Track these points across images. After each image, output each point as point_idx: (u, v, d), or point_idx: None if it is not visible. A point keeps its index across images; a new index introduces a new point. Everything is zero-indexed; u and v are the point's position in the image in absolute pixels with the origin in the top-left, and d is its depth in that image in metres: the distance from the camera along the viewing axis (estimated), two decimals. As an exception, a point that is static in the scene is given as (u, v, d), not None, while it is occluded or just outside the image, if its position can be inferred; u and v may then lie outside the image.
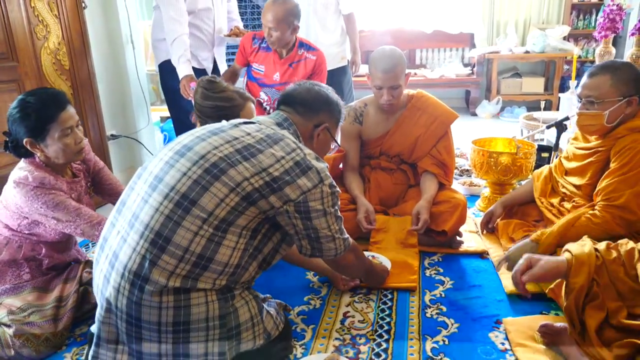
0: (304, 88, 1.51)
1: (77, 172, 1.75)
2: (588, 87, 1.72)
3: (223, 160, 1.20)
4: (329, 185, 1.29)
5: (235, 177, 1.18)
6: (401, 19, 5.32)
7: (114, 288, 1.17)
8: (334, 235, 1.35)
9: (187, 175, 1.18)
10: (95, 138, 2.70)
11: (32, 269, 1.63)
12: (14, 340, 1.47)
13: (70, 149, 1.58)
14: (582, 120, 1.75)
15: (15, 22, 2.22)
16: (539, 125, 3.28)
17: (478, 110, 5.01)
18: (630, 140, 1.66)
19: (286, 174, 1.23)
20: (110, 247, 1.23)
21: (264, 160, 1.22)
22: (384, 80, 2.10)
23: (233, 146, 1.23)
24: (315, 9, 3.34)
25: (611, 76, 1.67)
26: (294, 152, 1.27)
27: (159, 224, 1.15)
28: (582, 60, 5.12)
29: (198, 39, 2.93)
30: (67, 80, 2.52)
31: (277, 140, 1.28)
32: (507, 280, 1.82)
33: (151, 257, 1.14)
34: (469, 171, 3.07)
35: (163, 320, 1.15)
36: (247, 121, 1.38)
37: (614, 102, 1.67)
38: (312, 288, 1.86)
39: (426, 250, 2.11)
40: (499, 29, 5.22)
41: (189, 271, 1.16)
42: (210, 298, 1.19)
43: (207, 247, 1.16)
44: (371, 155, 2.38)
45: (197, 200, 1.16)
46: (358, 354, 1.49)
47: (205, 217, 1.15)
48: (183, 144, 1.27)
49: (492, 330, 1.58)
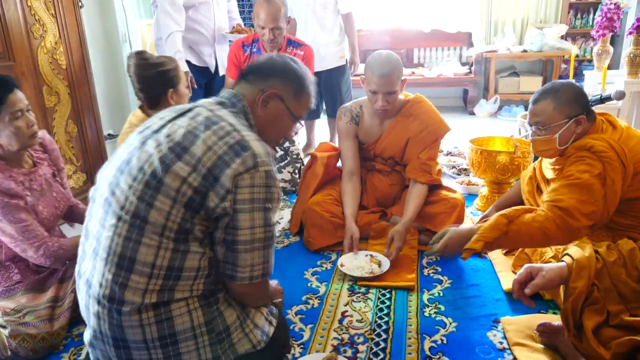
0: (265, 57, 1.37)
1: (39, 161, 1.70)
2: (534, 114, 1.71)
3: (158, 167, 1.11)
4: (264, 172, 1.13)
5: (173, 183, 1.10)
6: (399, 18, 5.31)
7: (94, 315, 1.15)
8: (255, 244, 1.14)
9: (131, 194, 1.12)
10: (92, 137, 2.69)
11: (21, 270, 1.61)
12: (10, 341, 1.46)
13: (23, 132, 1.53)
14: (537, 146, 1.73)
15: (11, 21, 2.21)
16: (537, 124, 3.28)
17: (476, 109, 5.02)
18: (575, 156, 1.61)
19: (220, 159, 1.11)
20: (84, 274, 1.20)
21: (197, 152, 1.12)
22: (380, 86, 2.04)
23: (165, 146, 1.14)
24: (313, 8, 3.34)
25: (552, 99, 1.65)
26: (228, 135, 1.15)
27: (120, 246, 1.11)
28: (579, 59, 5.13)
29: (199, 34, 2.94)
30: (64, 79, 2.51)
31: (210, 125, 1.16)
32: (505, 279, 1.83)
33: (121, 280, 1.10)
34: (467, 170, 3.07)
35: (148, 337, 1.13)
36: (188, 108, 1.25)
37: (561, 125, 1.64)
38: (310, 287, 1.86)
39: (424, 249, 2.11)
40: (497, 28, 5.22)
41: (162, 285, 1.12)
42: (192, 306, 1.16)
43: (174, 259, 1.12)
44: (366, 157, 2.37)
45: (147, 217, 1.10)
46: (356, 353, 1.48)
47: (160, 232, 1.10)
48: (122, 159, 1.19)
49: (490, 330, 1.58)
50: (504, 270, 1.89)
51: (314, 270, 1.99)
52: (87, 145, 2.66)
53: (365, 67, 2.11)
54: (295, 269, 2.00)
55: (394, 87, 2.06)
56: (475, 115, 5.02)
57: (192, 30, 2.90)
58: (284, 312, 1.66)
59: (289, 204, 2.74)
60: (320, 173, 2.34)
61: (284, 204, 2.75)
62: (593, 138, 1.60)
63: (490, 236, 1.56)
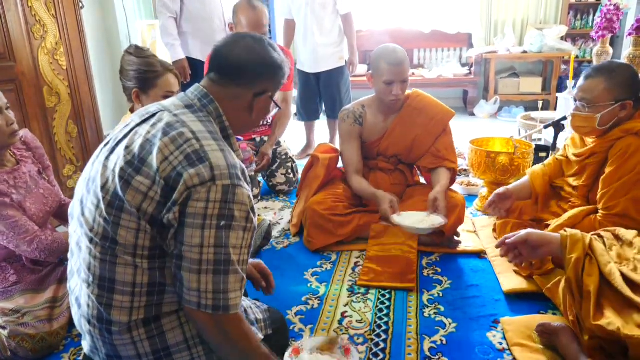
0: (243, 48, 1.18)
1: (22, 159, 1.68)
2: (582, 89, 1.72)
3: (118, 184, 1.03)
4: (222, 186, 1.00)
5: (134, 201, 1.02)
6: (399, 19, 5.32)
7: (88, 334, 1.14)
8: (203, 265, 1.00)
9: (98, 214, 1.06)
10: (92, 138, 2.69)
11: (17, 270, 1.61)
12: (9, 342, 1.46)
13: (2, 130, 1.51)
14: (575, 121, 1.75)
15: (12, 21, 2.21)
16: (537, 125, 3.28)
17: (476, 110, 5.02)
18: (625, 144, 1.64)
19: (174, 170, 1.00)
20: (73, 292, 1.19)
21: (153, 163, 1.02)
22: (396, 74, 2.08)
23: (124, 160, 1.05)
24: (313, 8, 3.34)
25: (605, 79, 1.66)
26: (187, 143, 1.03)
27: (97, 268, 1.06)
28: (579, 60, 5.13)
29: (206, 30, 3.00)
30: (64, 80, 2.52)
31: (168, 132, 1.05)
32: (505, 280, 1.83)
33: (105, 300, 1.07)
34: (467, 171, 3.07)
35: (142, 352, 1.11)
36: (152, 112, 1.15)
37: (606, 106, 1.66)
38: (310, 288, 1.86)
39: (424, 250, 2.11)
40: (497, 29, 5.23)
41: (147, 301, 1.08)
42: (184, 319, 1.12)
43: (154, 276, 1.06)
44: (368, 157, 2.37)
45: (115, 238, 1.03)
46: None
47: (132, 252, 1.04)
48: (89, 177, 1.13)
49: (490, 330, 1.58)
50: (504, 271, 1.89)
51: (314, 270, 1.99)
52: (87, 146, 2.66)
53: (374, 61, 2.13)
54: (295, 270, 2.00)
55: (407, 75, 2.12)
56: (475, 116, 5.02)
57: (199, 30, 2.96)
58: (284, 313, 1.66)
59: (288, 205, 2.74)
60: (322, 174, 2.34)
61: (284, 205, 2.75)
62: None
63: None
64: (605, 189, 1.68)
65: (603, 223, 1.66)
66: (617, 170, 1.65)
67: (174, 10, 2.92)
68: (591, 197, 1.82)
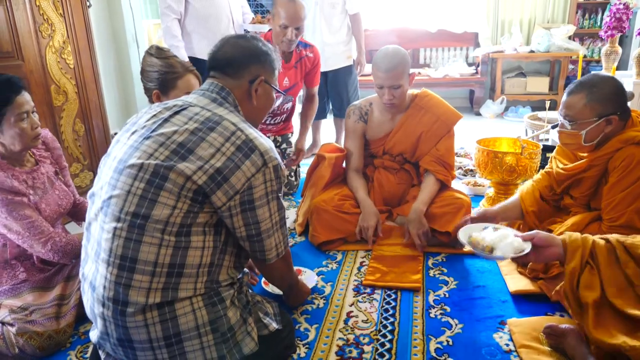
0: (228, 45, 1.36)
1: (41, 159, 1.71)
2: (565, 106, 1.66)
3: (161, 166, 1.13)
4: (273, 167, 1.21)
5: (178, 179, 1.13)
6: (405, 18, 5.31)
7: (100, 317, 1.16)
8: (274, 227, 1.27)
9: (131, 193, 1.13)
10: (99, 136, 2.70)
11: (26, 268, 1.62)
12: (17, 339, 1.47)
13: (27, 133, 1.55)
14: (562, 138, 1.71)
15: (20, 20, 2.22)
16: (544, 125, 3.26)
17: (482, 109, 5.00)
18: (626, 155, 1.59)
19: (229, 161, 1.15)
20: (88, 276, 1.21)
21: (203, 153, 1.15)
22: (385, 80, 2.10)
23: (168, 148, 1.16)
24: (322, 7, 3.34)
25: (586, 95, 1.59)
26: (233, 135, 1.18)
27: (120, 247, 1.12)
28: (587, 59, 5.10)
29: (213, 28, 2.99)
30: (71, 78, 2.53)
31: (213, 127, 1.19)
32: (512, 281, 1.82)
33: (124, 280, 1.11)
34: (473, 171, 3.06)
35: (153, 337, 1.13)
36: (181, 106, 1.25)
37: (590, 123, 1.60)
38: (315, 287, 1.85)
39: (430, 250, 2.10)
40: (504, 28, 5.20)
41: (165, 283, 1.13)
42: (196, 305, 1.16)
43: (176, 255, 1.13)
44: (374, 155, 2.37)
45: (149, 214, 1.12)
46: (362, 353, 1.48)
47: (162, 228, 1.12)
48: (119, 159, 1.19)
49: (497, 331, 1.57)
50: (510, 272, 1.88)
51: (320, 270, 1.99)
52: (94, 144, 2.68)
53: (372, 62, 2.15)
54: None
55: (399, 81, 2.10)
56: (481, 115, 5.00)
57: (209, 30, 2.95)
58: (290, 312, 1.66)
59: (294, 204, 2.74)
60: (328, 173, 2.34)
61: (289, 204, 2.75)
62: (637, 130, 1.59)
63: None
64: (609, 200, 1.64)
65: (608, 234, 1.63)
66: (620, 181, 1.60)
67: (178, 11, 2.90)
68: (592, 205, 1.79)
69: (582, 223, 1.72)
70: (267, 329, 1.32)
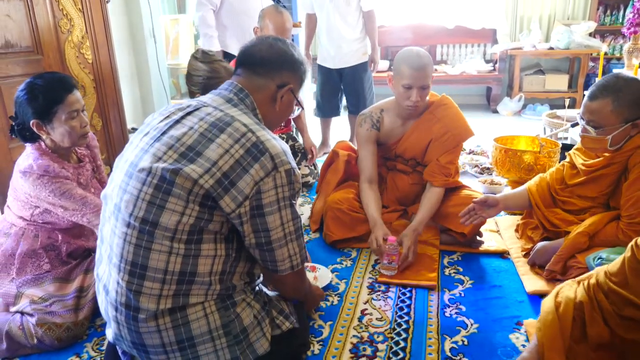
0: (266, 44, 1.30)
1: (82, 157, 1.76)
2: (589, 111, 1.61)
3: (168, 170, 1.09)
4: (285, 171, 1.14)
5: (185, 184, 1.08)
6: (422, 14, 5.25)
7: (114, 321, 1.17)
8: (287, 237, 1.18)
9: (140, 198, 1.11)
10: (116, 131, 2.73)
11: (51, 259, 1.65)
12: (36, 329, 1.49)
13: (76, 131, 1.60)
14: (586, 142, 1.67)
15: (40, 16, 2.25)
16: (562, 124, 3.21)
17: (499, 107, 4.93)
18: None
19: (237, 164, 1.10)
20: (101, 278, 1.22)
21: (212, 155, 1.10)
22: (416, 79, 1.99)
23: (176, 151, 1.12)
24: (336, 5, 3.33)
25: (612, 100, 1.54)
26: (244, 137, 1.13)
27: (131, 254, 1.11)
28: (608, 57, 5.00)
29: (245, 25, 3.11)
30: (89, 73, 2.55)
31: (223, 128, 1.14)
32: (529, 282, 1.79)
33: (134, 287, 1.11)
34: (490, 169, 3.02)
35: (166, 341, 1.13)
36: (195, 107, 1.22)
37: (616, 128, 1.56)
38: (329, 284, 1.85)
39: (445, 248, 2.09)
40: (523, 24, 5.12)
41: (176, 290, 1.12)
42: (209, 310, 1.16)
43: (186, 263, 1.11)
44: (388, 157, 2.34)
45: (157, 221, 1.09)
46: (376, 352, 1.48)
47: (171, 236, 1.09)
48: (130, 162, 1.17)
49: (513, 332, 1.55)
50: (527, 272, 1.86)
51: (334, 267, 1.99)
52: (111, 139, 2.70)
53: (396, 63, 2.07)
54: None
55: (428, 81, 2.03)
56: (498, 113, 4.94)
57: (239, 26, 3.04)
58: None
59: (309, 200, 2.74)
60: (342, 170, 2.33)
61: (304, 200, 2.75)
62: None
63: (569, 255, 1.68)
64: (628, 197, 1.61)
65: (626, 232, 1.61)
66: (637, 178, 1.58)
67: (215, 3, 3.04)
68: (612, 204, 1.76)
69: (600, 223, 1.70)
70: (282, 327, 1.32)
